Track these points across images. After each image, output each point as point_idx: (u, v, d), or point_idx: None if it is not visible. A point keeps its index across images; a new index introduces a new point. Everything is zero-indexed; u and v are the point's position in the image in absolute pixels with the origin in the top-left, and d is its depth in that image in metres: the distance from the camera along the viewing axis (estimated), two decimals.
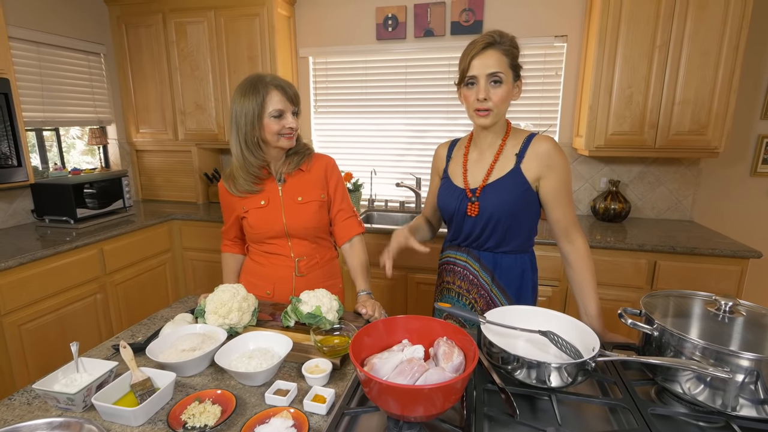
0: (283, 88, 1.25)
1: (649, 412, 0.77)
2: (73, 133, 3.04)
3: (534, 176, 1.16)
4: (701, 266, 2.03)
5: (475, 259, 1.25)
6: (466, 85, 1.13)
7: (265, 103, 1.22)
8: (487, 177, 1.19)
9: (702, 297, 0.93)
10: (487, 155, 1.21)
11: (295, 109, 1.28)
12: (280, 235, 1.35)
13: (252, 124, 1.23)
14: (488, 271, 1.24)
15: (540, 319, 0.96)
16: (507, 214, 1.16)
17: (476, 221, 1.20)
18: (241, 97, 1.23)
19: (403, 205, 2.91)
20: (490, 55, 1.08)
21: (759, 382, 0.72)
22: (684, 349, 0.79)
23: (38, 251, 1.94)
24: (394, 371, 0.77)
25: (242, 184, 1.31)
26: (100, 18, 2.89)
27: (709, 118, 2.12)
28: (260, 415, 0.78)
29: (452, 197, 1.24)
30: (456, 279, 1.29)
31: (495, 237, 1.20)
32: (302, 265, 1.39)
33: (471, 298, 1.26)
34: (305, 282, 1.39)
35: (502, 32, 1.11)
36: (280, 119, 1.25)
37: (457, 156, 1.29)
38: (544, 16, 2.51)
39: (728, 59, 2.04)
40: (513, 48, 1.11)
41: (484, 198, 1.18)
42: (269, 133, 1.25)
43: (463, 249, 1.27)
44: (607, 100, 2.22)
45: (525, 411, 0.82)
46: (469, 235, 1.23)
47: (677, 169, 2.51)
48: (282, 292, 1.40)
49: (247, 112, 1.22)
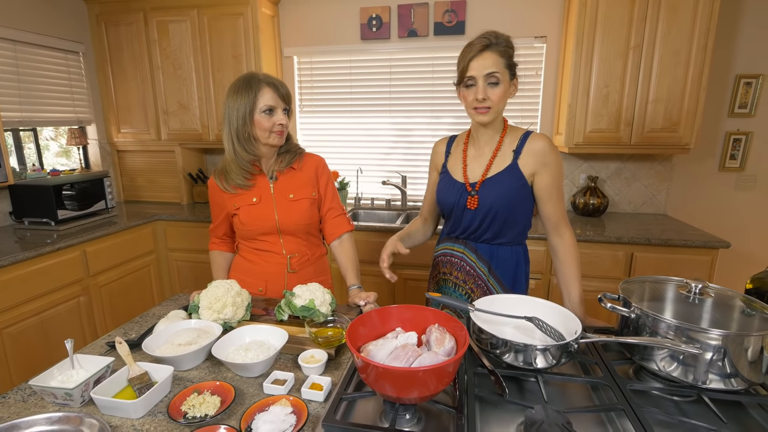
0: (275, 85, 1.28)
1: (628, 388, 0.82)
2: (47, 134, 2.96)
3: (529, 172, 1.22)
4: (675, 257, 2.13)
5: (472, 251, 1.30)
6: (465, 86, 1.18)
7: (257, 100, 1.25)
8: (486, 172, 1.25)
9: (674, 282, 0.99)
10: (486, 151, 1.27)
11: (286, 107, 1.31)
12: (272, 231, 1.37)
13: (243, 120, 1.26)
14: (485, 262, 1.29)
15: (526, 306, 1.01)
16: (505, 207, 1.22)
17: (475, 213, 1.25)
18: (234, 94, 1.27)
19: (389, 203, 2.94)
20: (487, 57, 1.13)
21: (726, 357, 0.78)
22: (658, 329, 0.84)
23: (18, 253, 1.90)
24: (389, 357, 0.80)
25: (234, 178, 1.33)
26: (79, 16, 2.83)
27: (681, 115, 2.22)
28: (260, 404, 0.80)
29: (452, 191, 1.29)
30: (453, 270, 1.34)
31: (492, 229, 1.26)
32: (294, 262, 1.41)
33: (468, 289, 1.31)
34: (297, 278, 1.42)
35: (498, 33, 1.15)
36: (271, 116, 1.27)
37: (455, 152, 1.35)
38: (524, 18, 2.58)
39: (698, 59, 2.15)
40: (509, 48, 1.16)
41: (483, 191, 1.23)
42: (260, 130, 1.28)
43: (461, 241, 1.32)
44: (585, 99, 2.31)
45: (513, 391, 0.87)
46: (468, 227, 1.29)
47: (651, 165, 2.62)
48: (274, 288, 1.42)
49: (239, 107, 1.25)
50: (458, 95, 1.23)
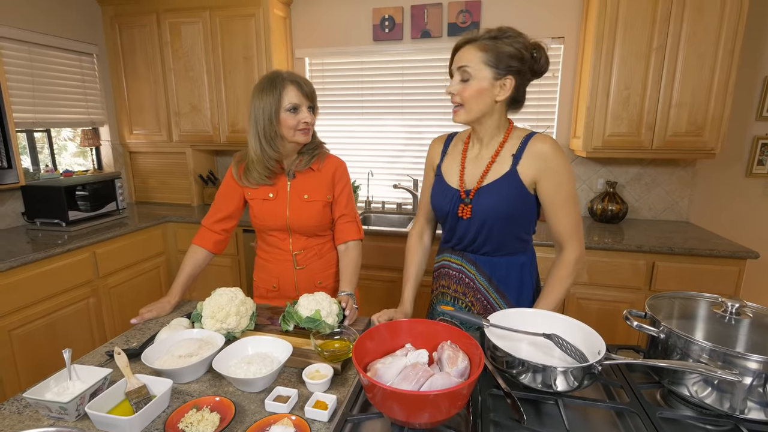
0: (299, 83, 1.27)
1: (657, 415, 0.76)
2: (65, 134, 2.99)
3: (530, 179, 1.10)
4: (699, 267, 2.03)
5: (471, 263, 1.20)
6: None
7: (282, 98, 1.25)
8: (482, 179, 1.14)
9: (707, 299, 0.92)
10: (485, 155, 1.16)
11: (310, 104, 1.30)
12: (281, 228, 1.38)
13: (270, 119, 1.26)
14: (485, 276, 1.19)
15: (544, 321, 0.94)
16: (501, 219, 1.11)
17: (469, 224, 1.15)
18: (260, 93, 1.26)
19: (401, 207, 2.89)
20: (465, 51, 1.07)
21: (767, 384, 0.71)
22: (691, 352, 0.78)
23: (29, 255, 1.90)
24: (398, 376, 0.75)
25: (257, 177, 1.34)
26: (93, 18, 2.85)
27: (706, 119, 2.13)
28: (260, 423, 0.76)
29: (445, 198, 1.19)
30: (451, 283, 1.25)
31: (491, 242, 1.15)
32: (300, 258, 1.40)
33: (467, 302, 1.22)
34: (305, 273, 1.42)
35: (501, 28, 1.06)
36: (296, 114, 1.27)
37: (453, 152, 1.24)
38: (540, 18, 2.51)
39: (724, 62, 2.05)
40: (497, 43, 1.04)
41: (477, 201, 1.13)
42: (285, 128, 1.27)
43: (458, 252, 1.23)
44: (604, 101, 2.23)
45: (531, 416, 0.81)
46: (463, 238, 1.19)
47: (674, 170, 2.52)
48: (286, 284, 1.43)
49: (264, 107, 1.25)
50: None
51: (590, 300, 2.19)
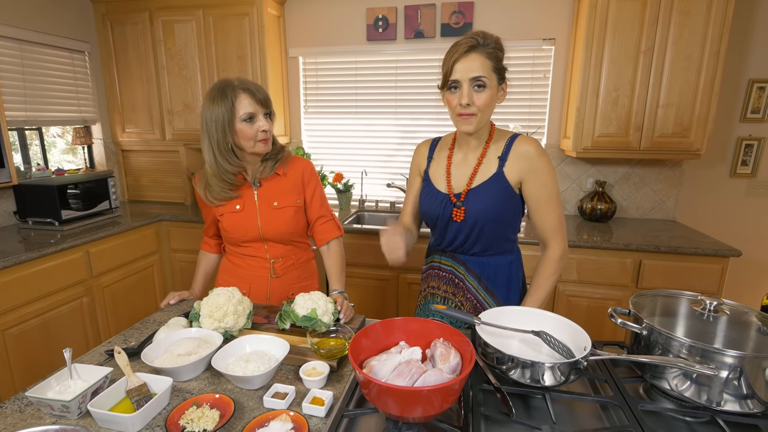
0: (251, 91, 1.22)
1: (639, 408, 0.80)
2: (54, 131, 2.97)
3: (516, 179, 1.14)
4: (684, 265, 2.09)
5: (461, 264, 1.23)
6: (449, 89, 1.10)
7: (235, 108, 1.19)
8: (471, 181, 1.17)
9: (688, 296, 0.96)
10: (471, 158, 1.19)
11: (266, 111, 1.25)
12: (255, 239, 1.35)
13: (223, 130, 1.20)
14: (475, 276, 1.23)
15: (533, 319, 0.98)
16: (491, 219, 1.15)
17: (461, 226, 1.18)
18: (210, 103, 1.20)
19: (394, 206, 2.92)
20: (474, 59, 1.05)
21: (742, 378, 0.75)
22: (671, 347, 0.81)
23: (22, 254, 1.90)
24: (393, 373, 0.78)
25: (218, 192, 1.29)
26: (85, 16, 2.83)
27: (692, 120, 2.18)
28: (259, 419, 0.79)
29: (435, 202, 1.21)
30: (441, 284, 1.27)
31: (481, 243, 1.19)
32: (277, 267, 1.39)
33: (457, 302, 1.25)
34: (280, 282, 1.41)
35: (486, 33, 1.07)
36: (252, 123, 1.22)
37: (439, 157, 1.25)
38: (532, 20, 2.55)
39: (710, 63, 2.10)
40: (497, 50, 1.07)
41: (468, 203, 1.16)
42: (244, 139, 1.23)
43: (449, 254, 1.26)
44: (594, 102, 2.27)
45: (520, 409, 0.84)
46: (454, 240, 1.21)
47: (661, 170, 2.57)
48: (257, 291, 1.41)
49: (217, 118, 1.19)
50: (442, 99, 1.14)
51: (579, 297, 2.24)
